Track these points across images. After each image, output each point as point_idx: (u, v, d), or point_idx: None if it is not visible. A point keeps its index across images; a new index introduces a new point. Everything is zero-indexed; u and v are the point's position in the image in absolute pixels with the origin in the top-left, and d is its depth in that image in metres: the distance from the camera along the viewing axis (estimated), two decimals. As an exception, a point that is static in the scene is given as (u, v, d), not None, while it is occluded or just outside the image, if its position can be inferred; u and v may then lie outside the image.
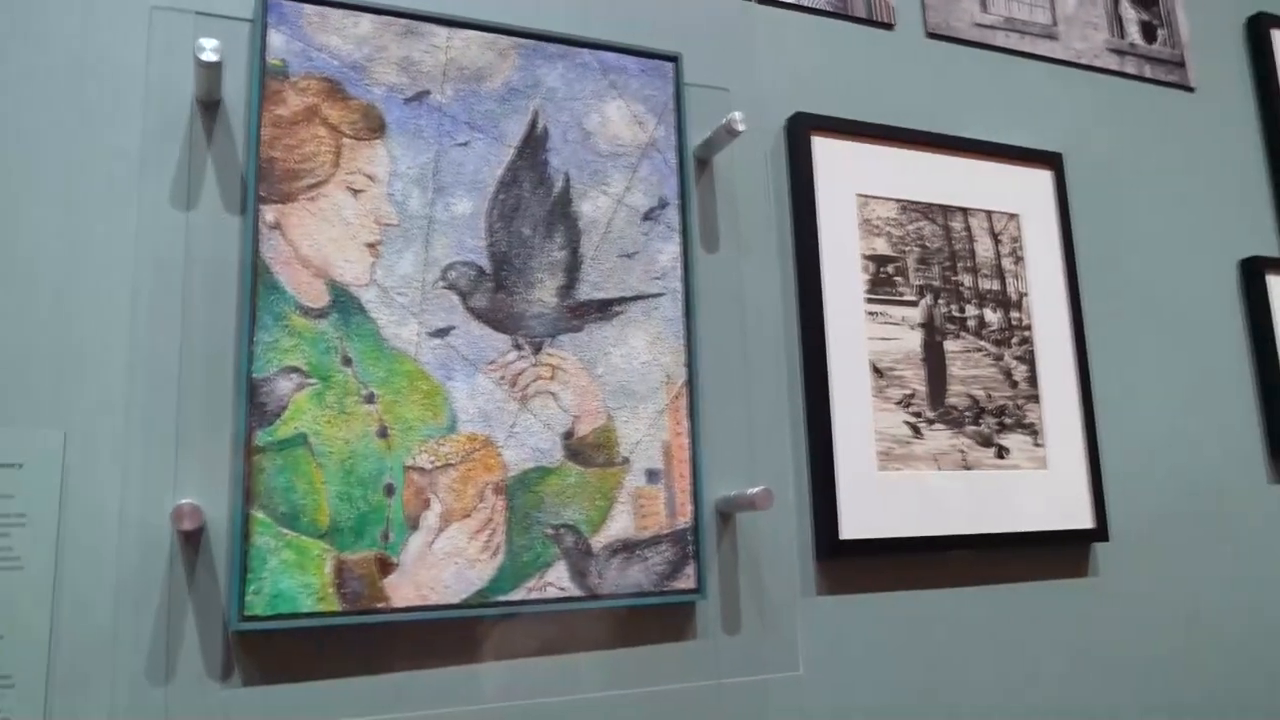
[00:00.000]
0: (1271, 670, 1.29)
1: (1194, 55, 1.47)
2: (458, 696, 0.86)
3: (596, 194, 0.98)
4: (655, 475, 0.95)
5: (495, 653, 0.89)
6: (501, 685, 0.88)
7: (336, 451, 0.84)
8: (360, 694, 0.83)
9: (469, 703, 0.87)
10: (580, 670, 0.92)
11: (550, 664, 0.91)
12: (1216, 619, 1.27)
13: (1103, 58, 1.38)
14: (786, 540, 1.02)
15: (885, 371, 1.09)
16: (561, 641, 0.91)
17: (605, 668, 0.93)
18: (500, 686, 0.88)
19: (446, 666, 0.87)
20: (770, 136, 1.12)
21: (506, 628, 0.89)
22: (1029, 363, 1.17)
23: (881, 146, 1.15)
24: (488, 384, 0.90)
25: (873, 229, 1.12)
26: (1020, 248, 1.21)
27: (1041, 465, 1.15)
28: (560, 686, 0.90)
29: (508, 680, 0.89)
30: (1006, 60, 1.30)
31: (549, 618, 0.91)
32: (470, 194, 0.93)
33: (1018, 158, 1.23)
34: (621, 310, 0.97)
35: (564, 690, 0.90)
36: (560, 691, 0.90)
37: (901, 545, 1.06)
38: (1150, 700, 1.19)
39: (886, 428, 1.07)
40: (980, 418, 1.12)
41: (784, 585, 1.01)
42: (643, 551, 0.93)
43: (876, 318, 1.10)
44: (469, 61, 0.96)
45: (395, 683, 0.85)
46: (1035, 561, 1.15)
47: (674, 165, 1.02)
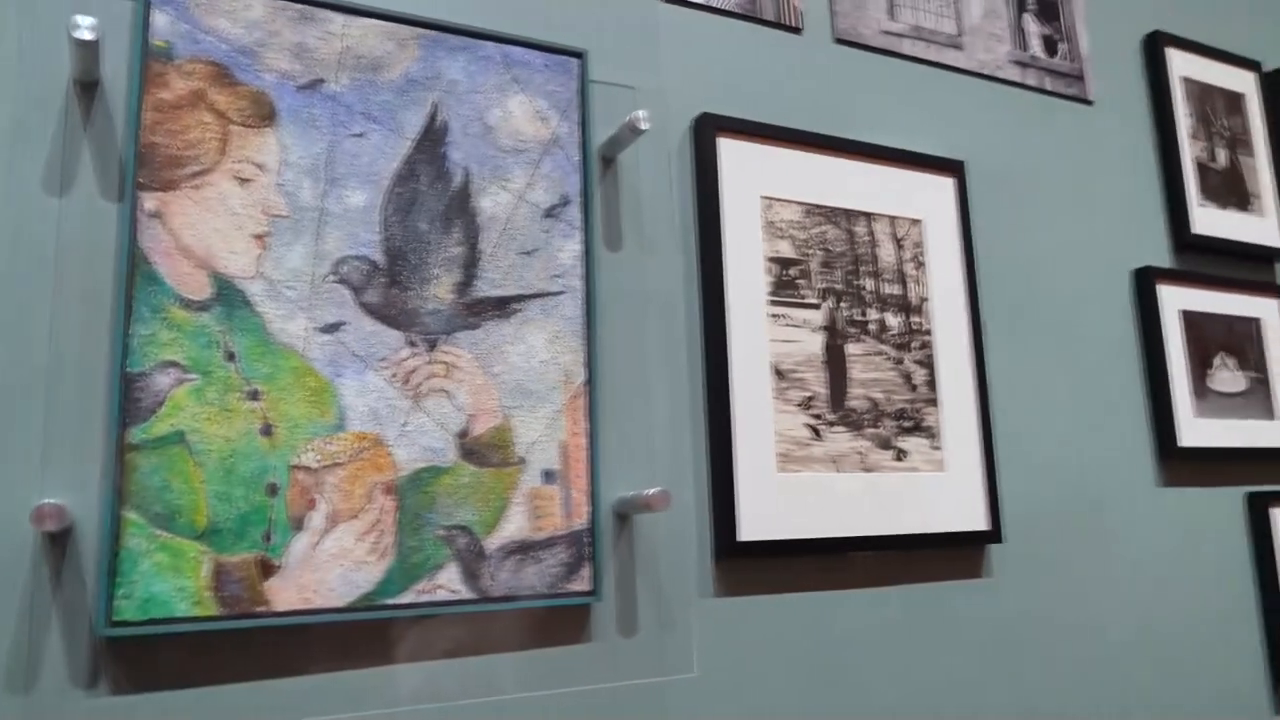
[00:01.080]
0: (1157, 669, 1.33)
1: (1093, 70, 1.51)
2: (342, 703, 0.84)
3: (497, 190, 0.97)
4: (552, 476, 0.94)
5: (383, 657, 0.87)
6: (389, 690, 0.86)
7: (216, 450, 0.81)
8: (238, 702, 0.81)
9: (354, 709, 0.84)
10: (473, 674, 0.90)
11: (442, 668, 0.89)
12: (1104, 619, 1.30)
13: (1006, 69, 1.41)
14: (685, 541, 1.02)
15: (786, 373, 1.09)
16: (454, 645, 0.89)
17: (499, 671, 0.91)
18: (388, 692, 0.86)
19: (331, 672, 0.84)
20: (676, 136, 1.11)
21: (396, 631, 0.87)
22: (928, 367, 1.19)
23: (787, 149, 1.16)
24: (379, 381, 0.88)
25: (777, 231, 1.12)
26: (922, 253, 1.22)
27: (939, 468, 1.17)
28: (452, 691, 0.89)
29: (396, 685, 0.86)
30: (912, 68, 1.31)
31: (441, 621, 0.89)
32: (365, 186, 0.91)
33: (921, 164, 1.25)
34: (520, 308, 0.96)
35: (455, 695, 0.89)
36: (451, 696, 0.88)
37: (800, 547, 1.06)
38: (1041, 699, 1.22)
39: (787, 429, 1.08)
40: (880, 420, 1.14)
41: (681, 587, 1.01)
42: (538, 553, 0.92)
43: (779, 320, 1.10)
44: (366, 51, 0.93)
45: (276, 689, 0.82)
46: (932, 562, 1.17)
47: (577, 162, 1.01)
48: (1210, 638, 1.40)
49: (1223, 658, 1.40)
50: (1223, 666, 1.40)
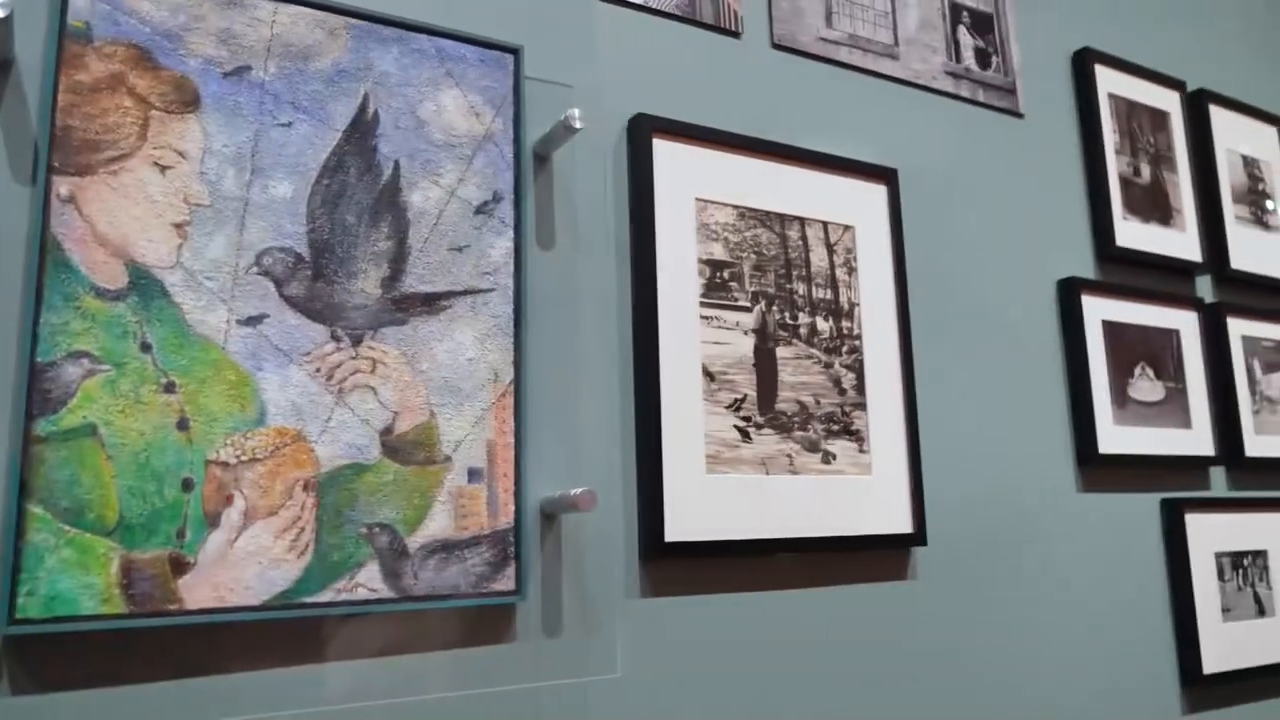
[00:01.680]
0: (1074, 669, 1.36)
1: (1024, 83, 1.54)
2: (258, 703, 0.82)
3: (428, 184, 0.96)
4: (477, 474, 0.93)
5: (303, 657, 0.85)
6: (308, 691, 0.85)
7: (130, 443, 0.79)
8: (149, 702, 0.78)
9: (271, 709, 0.83)
10: (395, 674, 0.89)
11: (363, 668, 0.87)
12: (1024, 620, 1.33)
13: (940, 80, 1.43)
14: (612, 542, 1.02)
15: (717, 375, 1.09)
16: (375, 645, 0.88)
17: (421, 671, 0.90)
18: (307, 692, 0.84)
19: (247, 672, 0.83)
20: (612, 136, 1.11)
21: (314, 630, 0.86)
22: (857, 371, 1.21)
23: (722, 152, 1.16)
24: (302, 376, 0.86)
25: (710, 234, 1.13)
26: (854, 259, 1.24)
27: (866, 471, 1.18)
28: (373, 691, 0.87)
29: (315, 685, 0.85)
30: (848, 76, 1.33)
31: (362, 620, 0.88)
32: (291, 177, 0.89)
33: (855, 171, 1.26)
34: (449, 305, 0.95)
35: (377, 695, 0.87)
36: (373, 696, 0.87)
37: (727, 548, 1.07)
38: (962, 698, 1.24)
39: (716, 431, 1.08)
40: (808, 423, 1.15)
41: (607, 587, 1.00)
42: (462, 552, 0.91)
43: (710, 322, 1.10)
44: (296, 39, 0.92)
45: (189, 689, 0.80)
46: (857, 564, 1.18)
47: (510, 159, 1.01)
48: (1125, 639, 1.44)
49: (1136, 658, 1.44)
50: (1136, 667, 1.44)
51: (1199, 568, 1.53)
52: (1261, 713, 1.58)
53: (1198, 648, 1.49)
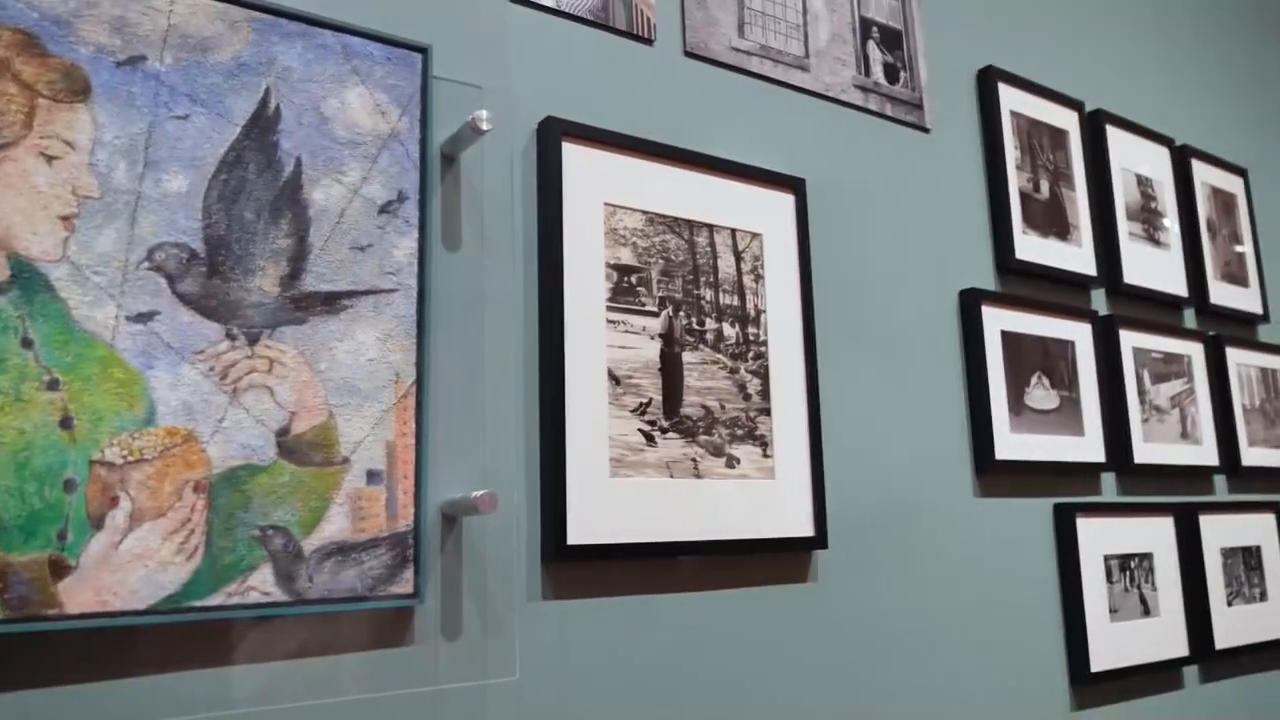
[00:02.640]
0: (969, 669, 1.41)
1: (930, 99, 1.58)
2: (146, 709, 0.80)
3: (330, 182, 0.95)
4: (376, 476, 0.92)
5: (193, 661, 0.83)
6: (199, 696, 0.83)
7: (9, 442, 0.76)
8: (28, 709, 0.76)
9: (159, 715, 0.81)
10: (290, 678, 0.87)
11: (256, 672, 0.86)
12: (922, 621, 1.37)
13: (849, 93, 1.46)
14: (514, 544, 1.02)
15: (622, 379, 1.10)
16: (269, 648, 0.87)
17: (317, 675, 0.89)
18: (197, 697, 0.83)
19: (134, 677, 0.80)
20: (521, 139, 1.11)
21: (206, 635, 0.84)
22: (763, 377, 1.22)
23: (632, 158, 1.17)
24: (194, 375, 0.85)
25: (618, 238, 1.14)
26: (761, 266, 1.26)
27: (769, 475, 1.20)
28: (266, 695, 0.86)
29: (206, 690, 0.83)
30: (759, 86, 1.35)
31: (256, 624, 0.86)
32: (187, 171, 0.87)
33: (763, 179, 1.28)
34: (350, 304, 0.94)
35: (270, 699, 0.86)
36: (265, 701, 0.86)
37: (631, 551, 1.08)
38: (861, 699, 1.27)
39: (620, 434, 1.09)
40: (713, 428, 1.16)
41: (507, 590, 1.00)
42: (359, 554, 0.90)
43: (617, 326, 1.11)
44: (195, 30, 0.90)
45: (71, 696, 0.78)
46: (759, 567, 1.20)
47: (416, 159, 1.00)
48: (1018, 639, 1.48)
49: (1028, 657, 1.49)
50: (1028, 666, 1.49)
51: (1088, 570, 1.59)
52: (1145, 708, 1.65)
53: (1086, 647, 1.54)
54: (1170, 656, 1.69)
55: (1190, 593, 1.77)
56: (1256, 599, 1.91)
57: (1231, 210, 2.15)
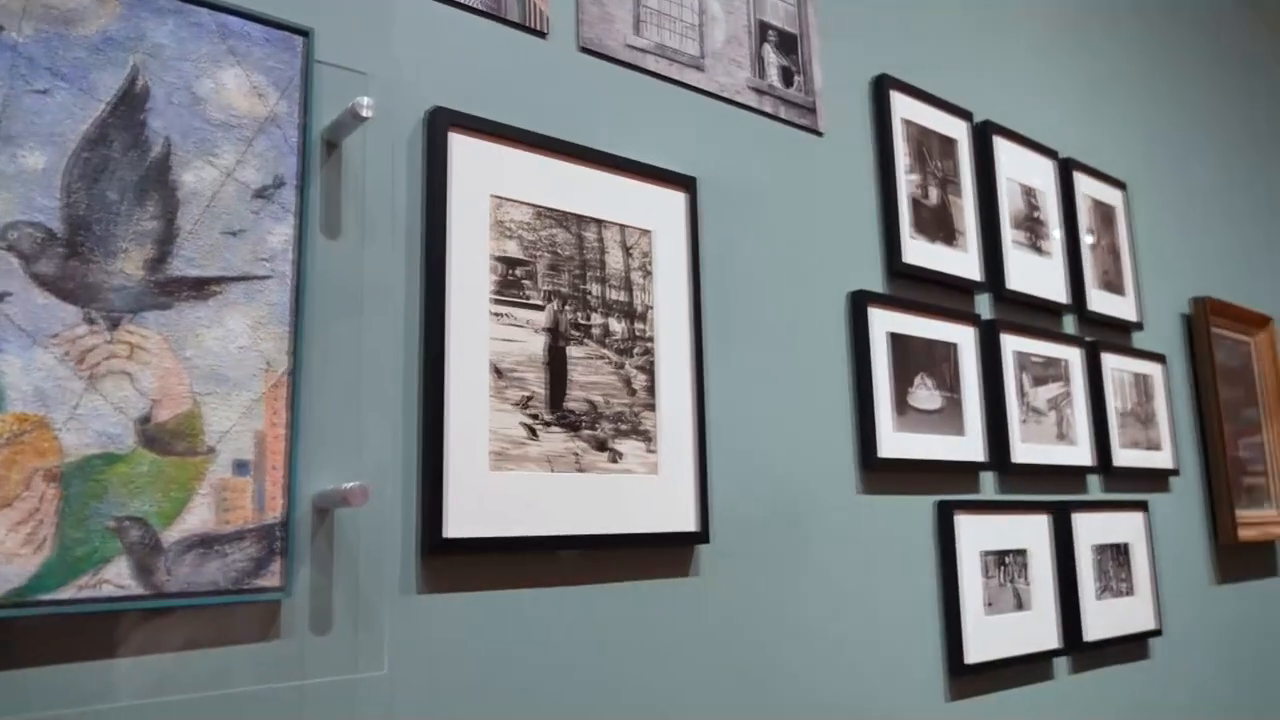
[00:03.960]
0: (851, 662, 1.44)
1: (824, 104, 1.61)
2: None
3: (202, 164, 0.92)
4: (244, 467, 0.90)
5: (43, 657, 0.80)
6: (52, 692, 0.80)
7: None
8: None
9: (10, 714, 0.78)
10: (149, 674, 0.85)
11: (113, 668, 0.83)
12: (804, 616, 1.39)
13: (744, 94, 1.48)
14: (389, 538, 1.01)
15: (506, 372, 1.10)
16: (126, 643, 0.84)
17: (177, 670, 0.86)
18: (51, 694, 0.80)
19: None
20: (407, 128, 1.10)
21: (58, 629, 0.81)
22: (649, 373, 1.23)
23: (522, 151, 1.17)
24: (48, 359, 0.81)
25: (505, 231, 1.13)
26: (650, 263, 1.27)
27: (653, 470, 1.21)
28: (123, 691, 0.83)
29: (61, 687, 0.80)
30: (653, 84, 1.36)
31: (112, 618, 0.83)
32: (45, 147, 0.84)
33: (655, 177, 1.29)
34: (220, 290, 0.91)
35: (128, 695, 0.83)
36: (123, 697, 0.83)
37: (510, 545, 1.07)
38: (742, 693, 1.29)
39: (502, 428, 1.08)
40: (598, 423, 1.17)
41: (381, 584, 0.99)
42: (223, 547, 0.88)
43: (501, 319, 1.11)
44: (58, 1, 0.86)
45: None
46: (641, 562, 1.21)
47: (295, 144, 0.98)
48: (897, 632, 1.53)
49: (907, 650, 1.54)
50: (907, 658, 1.53)
51: (966, 565, 1.64)
52: (1017, 698, 1.71)
53: (961, 640, 1.60)
54: (1042, 648, 1.76)
55: (1062, 587, 1.84)
56: (1124, 593, 2.00)
57: (1111, 222, 2.25)
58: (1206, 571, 2.35)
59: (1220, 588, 2.38)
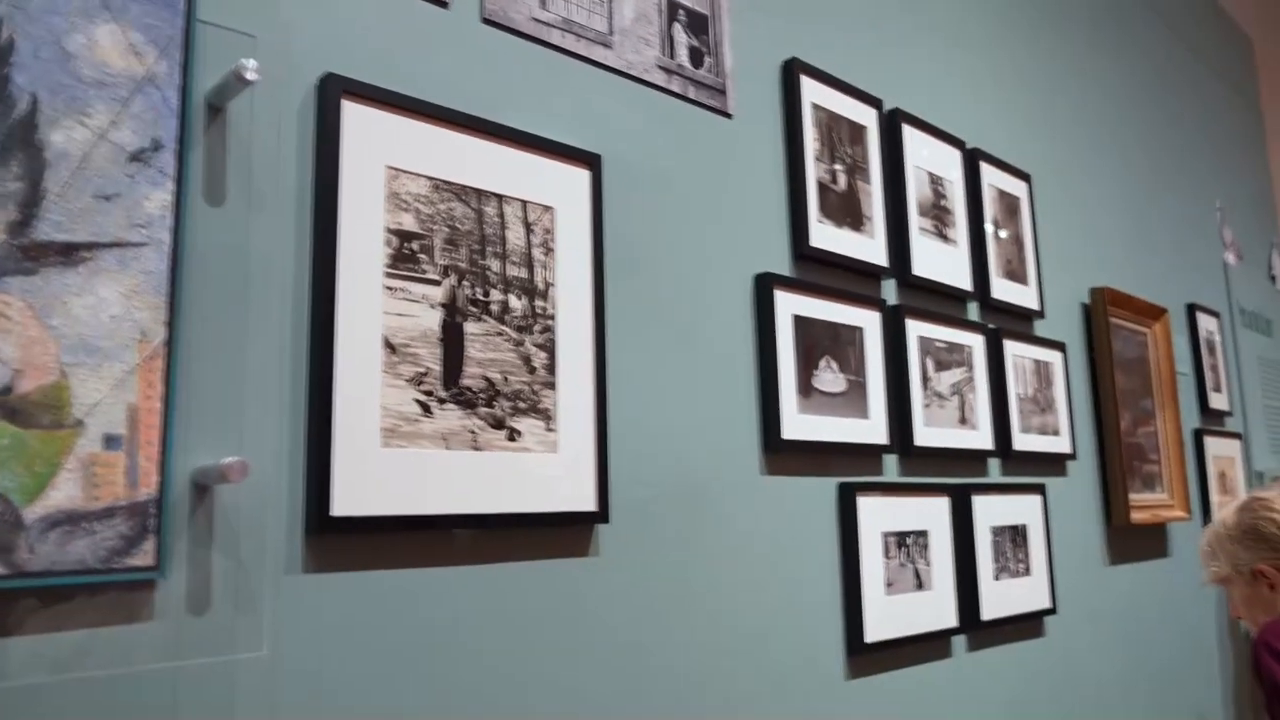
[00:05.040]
0: (752, 642, 1.45)
1: (734, 86, 1.61)
2: None
3: (72, 124, 0.88)
4: (115, 441, 0.86)
5: (-108, 640, 0.76)
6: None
7: None
8: None
9: None
10: (8, 657, 0.81)
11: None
12: (706, 596, 1.40)
13: (652, 73, 1.47)
14: (273, 516, 0.98)
15: (399, 348, 1.07)
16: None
17: (43, 652, 0.82)
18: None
19: None
20: (299, 94, 1.06)
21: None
22: (549, 351, 1.22)
23: (420, 122, 1.14)
24: (-103, 325, 0.77)
25: (401, 203, 1.10)
26: (552, 239, 1.25)
27: (552, 449, 1.20)
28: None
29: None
30: (559, 59, 1.34)
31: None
32: (-104, 100, 0.79)
33: (558, 153, 1.28)
34: (91, 256, 0.87)
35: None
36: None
37: (402, 523, 1.05)
38: (643, 673, 1.28)
39: (394, 404, 1.06)
40: (495, 400, 1.15)
41: (263, 563, 0.96)
42: (92, 524, 0.84)
43: (395, 293, 1.08)
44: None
45: None
46: (539, 541, 1.20)
47: (175, 106, 0.94)
48: (799, 612, 1.54)
49: (808, 629, 1.56)
50: (808, 637, 1.55)
51: (867, 546, 1.67)
52: (915, 675, 1.75)
53: (861, 619, 1.62)
54: (940, 627, 1.80)
55: (961, 568, 1.88)
56: (1021, 573, 2.06)
57: (1015, 212, 2.30)
58: (1100, 552, 2.43)
59: (1113, 568, 2.47)
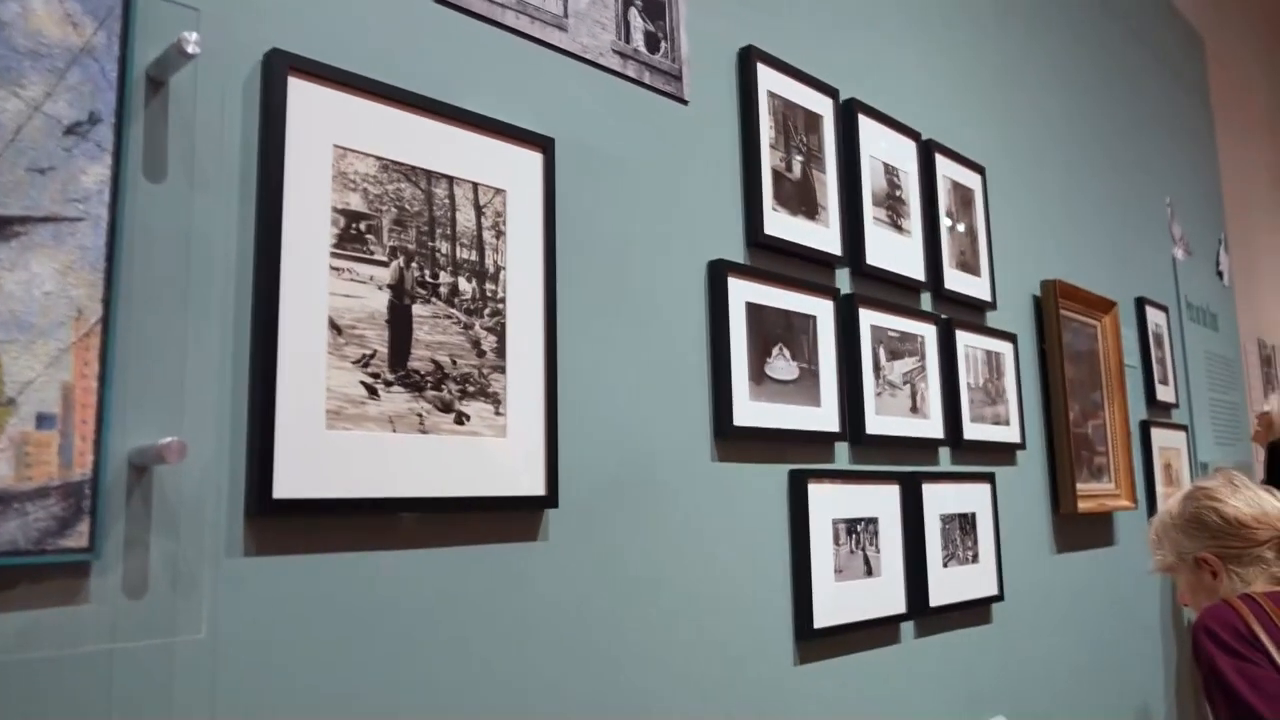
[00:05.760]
0: (703, 627, 1.45)
1: (690, 72, 1.61)
2: None
3: (5, 94, 0.85)
4: (48, 420, 0.84)
5: None
6: None
7: None
8: None
9: None
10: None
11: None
12: (657, 581, 1.40)
13: (607, 57, 1.47)
14: (214, 498, 0.96)
15: (345, 329, 1.06)
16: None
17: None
18: None
19: None
20: (243, 69, 1.04)
21: None
22: (499, 334, 1.21)
23: (370, 101, 1.13)
24: None
25: (348, 183, 1.09)
26: (503, 222, 1.24)
27: (501, 433, 1.20)
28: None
29: None
30: (513, 40, 1.33)
31: (-105, 580, 0.77)
32: None
33: (511, 135, 1.27)
34: (24, 231, 0.85)
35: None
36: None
37: (347, 506, 1.04)
38: (591, 658, 1.28)
39: (340, 386, 1.05)
40: (443, 383, 1.14)
41: (203, 545, 0.95)
42: (23, 505, 0.82)
43: (342, 274, 1.07)
44: None
45: None
46: (486, 525, 1.19)
47: (114, 79, 0.92)
48: (748, 598, 1.55)
49: (757, 616, 1.57)
50: (757, 623, 1.56)
51: (817, 533, 1.68)
52: (863, 661, 1.77)
53: (811, 605, 1.63)
54: (889, 613, 1.82)
55: (910, 555, 1.90)
56: (969, 560, 2.08)
57: (969, 204, 2.33)
58: (1047, 541, 2.47)
59: (1059, 556, 2.51)
